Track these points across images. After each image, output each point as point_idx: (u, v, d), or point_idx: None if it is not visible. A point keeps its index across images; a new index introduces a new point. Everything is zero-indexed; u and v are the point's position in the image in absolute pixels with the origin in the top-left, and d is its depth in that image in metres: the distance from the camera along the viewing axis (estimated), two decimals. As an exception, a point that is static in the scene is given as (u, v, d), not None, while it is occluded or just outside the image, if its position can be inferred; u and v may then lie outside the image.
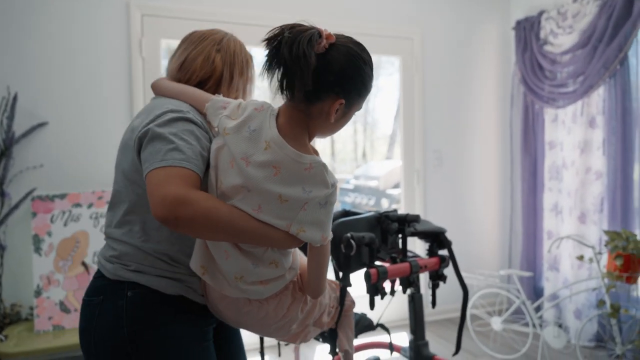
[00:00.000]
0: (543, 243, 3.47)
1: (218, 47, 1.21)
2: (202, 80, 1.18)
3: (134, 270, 1.06)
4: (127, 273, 1.06)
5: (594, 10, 3.00)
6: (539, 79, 3.41)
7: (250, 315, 1.08)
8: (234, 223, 0.95)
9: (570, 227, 3.18)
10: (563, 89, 3.24)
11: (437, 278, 1.69)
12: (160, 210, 0.88)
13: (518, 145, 3.64)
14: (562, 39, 3.23)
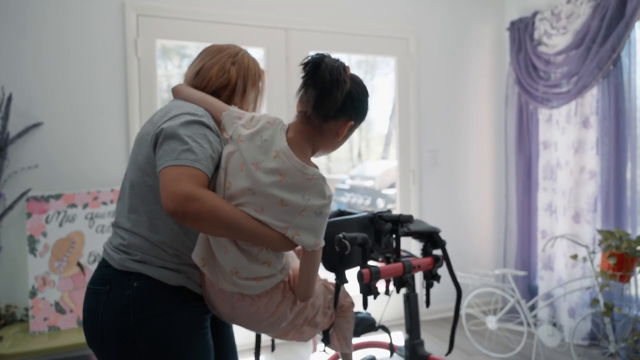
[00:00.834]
0: (537, 242, 3.49)
1: (233, 60, 1.31)
2: (217, 89, 1.28)
3: (139, 261, 1.14)
4: (133, 264, 1.14)
5: (588, 11, 3.02)
6: (533, 80, 3.43)
7: (243, 310, 1.17)
8: (236, 221, 1.05)
9: (564, 226, 3.20)
10: (557, 90, 3.26)
11: (431, 278, 1.70)
12: (171, 204, 0.98)
13: (512, 145, 3.66)
14: (556, 40, 3.25)
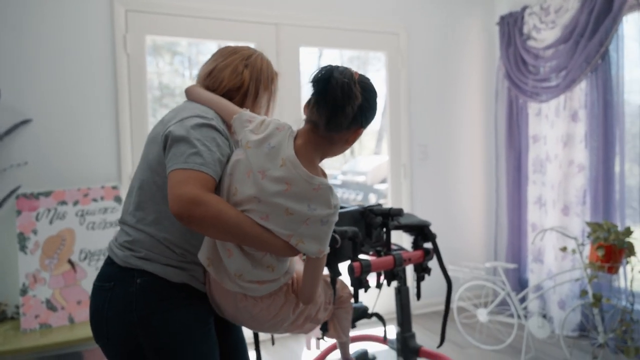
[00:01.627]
0: (527, 235, 3.52)
1: (246, 62, 1.29)
2: (229, 91, 1.27)
3: (143, 258, 1.15)
4: (136, 261, 1.15)
5: (576, 6, 3.04)
6: (523, 74, 3.45)
7: (246, 311, 1.17)
8: (240, 227, 1.05)
9: (554, 219, 3.23)
10: (546, 84, 3.29)
11: (421, 271, 1.71)
12: (177, 207, 0.99)
13: (503, 139, 3.69)
14: (545, 34, 3.27)
